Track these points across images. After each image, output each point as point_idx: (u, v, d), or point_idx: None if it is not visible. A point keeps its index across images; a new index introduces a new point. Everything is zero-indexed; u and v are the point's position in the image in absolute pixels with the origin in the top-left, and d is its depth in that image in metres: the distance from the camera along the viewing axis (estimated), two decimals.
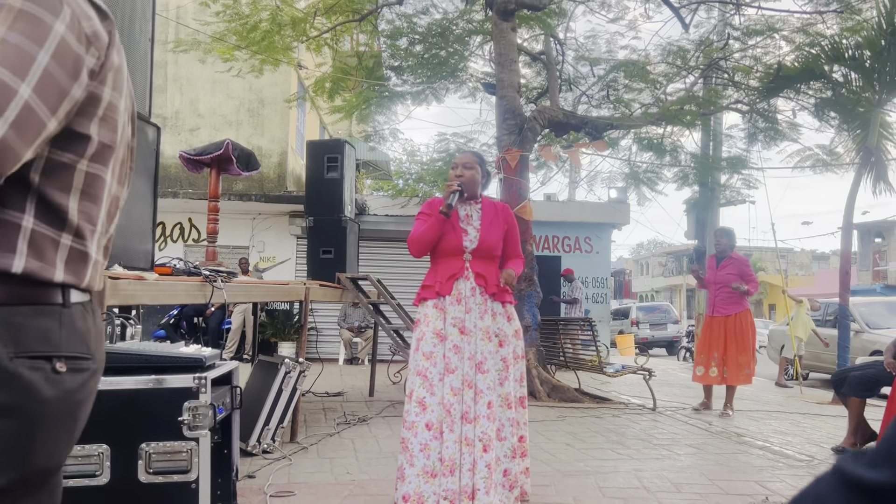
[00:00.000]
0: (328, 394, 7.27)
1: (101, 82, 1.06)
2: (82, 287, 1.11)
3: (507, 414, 3.27)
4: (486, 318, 3.34)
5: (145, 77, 3.30)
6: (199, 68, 12.29)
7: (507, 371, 3.31)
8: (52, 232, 1.05)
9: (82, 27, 1.01)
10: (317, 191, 7.11)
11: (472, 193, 3.48)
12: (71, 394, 1.06)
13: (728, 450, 5.06)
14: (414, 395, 3.19)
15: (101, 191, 1.12)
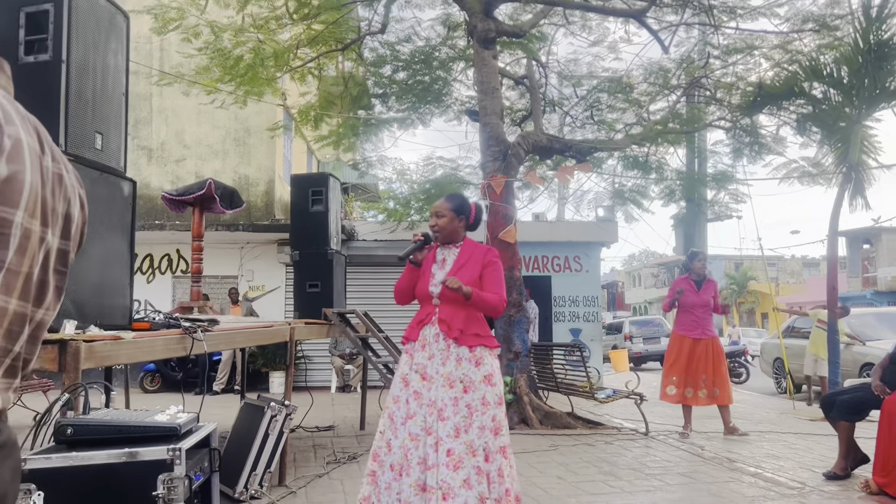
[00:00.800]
0: (318, 428, 7.22)
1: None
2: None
3: (472, 461, 3.17)
4: (448, 364, 3.32)
5: (120, 133, 3.29)
6: (184, 99, 12.29)
7: (472, 418, 3.23)
8: None
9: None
10: (302, 224, 7.09)
11: (446, 239, 3.51)
12: None
13: (720, 478, 5.04)
14: (384, 434, 3.32)
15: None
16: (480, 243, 3.64)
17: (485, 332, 3.41)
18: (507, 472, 3.25)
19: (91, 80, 3.09)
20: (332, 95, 10.84)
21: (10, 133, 1.00)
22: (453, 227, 3.49)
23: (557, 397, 8.47)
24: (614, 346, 21.39)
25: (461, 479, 3.13)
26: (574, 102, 11.87)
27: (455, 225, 3.49)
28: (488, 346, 3.37)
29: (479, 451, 3.21)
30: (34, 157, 1.05)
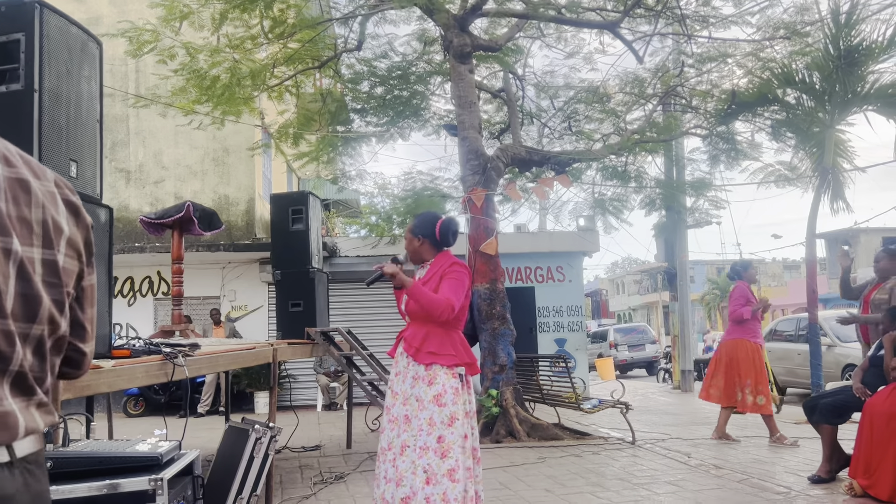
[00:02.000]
0: (304, 448, 7.16)
1: None
2: None
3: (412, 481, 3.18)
4: (406, 382, 3.40)
5: (95, 160, 3.27)
6: (161, 120, 12.25)
7: (418, 438, 3.24)
8: None
9: None
10: (283, 243, 7.07)
11: (416, 259, 3.62)
12: None
13: (707, 485, 5.06)
14: (379, 460, 3.46)
15: None
16: (453, 257, 3.60)
17: (442, 350, 3.32)
18: (453, 497, 3.12)
19: (64, 108, 3.07)
20: (311, 112, 10.84)
21: None
22: (413, 247, 3.59)
23: (544, 408, 8.47)
24: (600, 355, 21.45)
25: (400, 496, 3.17)
26: (552, 114, 11.96)
27: (415, 246, 3.57)
28: (443, 364, 3.29)
29: (420, 472, 3.16)
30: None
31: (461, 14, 8.55)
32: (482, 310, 8.00)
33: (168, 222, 5.81)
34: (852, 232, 28.00)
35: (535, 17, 9.13)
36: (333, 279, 10.24)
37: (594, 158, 10.20)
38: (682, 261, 13.76)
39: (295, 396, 11.97)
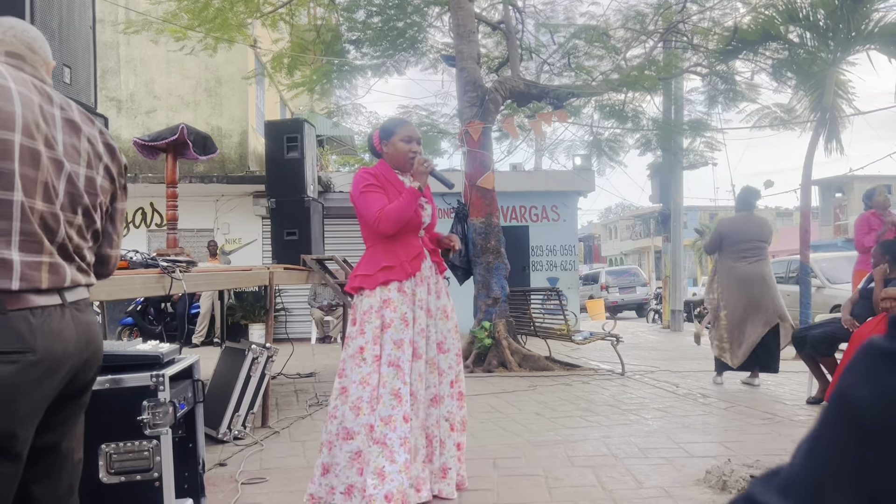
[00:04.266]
0: (300, 375, 7.27)
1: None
2: (13, 288, 1.41)
3: (459, 387, 3.30)
4: (441, 297, 3.32)
5: (89, 66, 3.20)
6: (153, 49, 12.00)
7: (455, 346, 3.32)
8: None
9: None
10: (277, 172, 7.00)
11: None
12: (5, 379, 1.37)
13: (694, 412, 5.17)
14: (388, 385, 2.99)
15: (9, 208, 1.43)
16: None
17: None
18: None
19: (56, 10, 3.00)
20: (305, 42, 10.62)
21: (2, 83, 1.45)
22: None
23: (535, 342, 8.58)
24: (591, 296, 21.66)
25: (458, 407, 3.22)
26: (552, 50, 11.77)
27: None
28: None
29: (461, 375, 3.31)
30: (29, 103, 1.49)
31: None
32: (477, 243, 8.02)
33: (161, 145, 5.72)
34: (846, 179, 28.01)
35: None
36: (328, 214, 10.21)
37: (593, 93, 10.09)
38: (677, 202, 13.77)
39: (290, 329, 12.09)
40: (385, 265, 3.14)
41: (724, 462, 3.49)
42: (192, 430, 2.63)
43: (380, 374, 3.03)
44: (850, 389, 0.48)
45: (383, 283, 3.12)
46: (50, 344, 1.46)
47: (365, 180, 3.17)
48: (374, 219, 3.08)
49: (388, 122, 3.44)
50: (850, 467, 0.47)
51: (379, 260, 3.16)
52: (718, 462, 3.53)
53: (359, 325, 3.11)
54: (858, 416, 0.47)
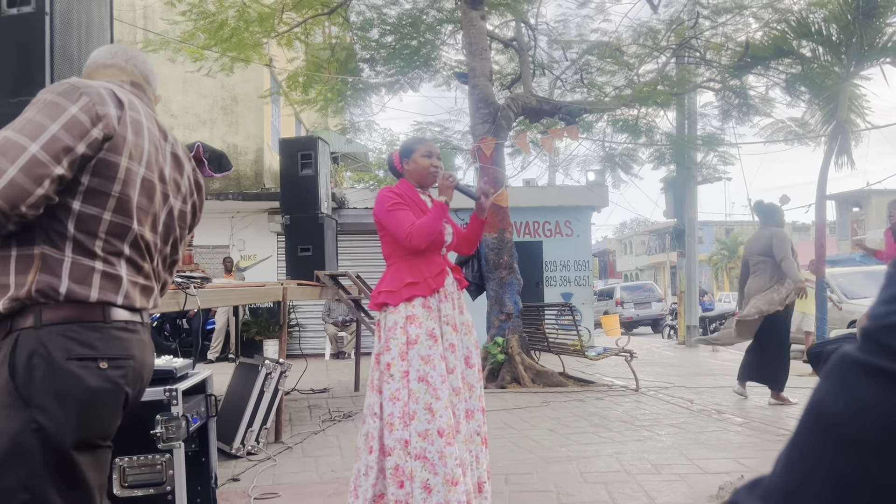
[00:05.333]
0: (313, 391, 7.29)
1: (116, 153, 1.54)
2: (118, 303, 1.56)
3: (482, 404, 3.33)
4: (465, 312, 3.35)
5: None
6: (170, 67, 12.16)
7: (479, 360, 3.35)
8: (86, 262, 1.52)
9: (94, 109, 1.51)
10: (292, 188, 7.09)
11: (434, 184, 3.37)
12: (112, 384, 1.53)
13: (708, 428, 5.14)
14: (420, 401, 3.00)
15: (125, 233, 1.59)
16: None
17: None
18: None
19: (76, 32, 3.07)
20: (320, 60, 10.74)
21: (134, 116, 1.60)
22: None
23: (549, 358, 8.56)
24: (605, 312, 21.55)
25: (484, 421, 3.24)
26: (564, 66, 11.82)
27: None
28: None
29: (483, 390, 3.33)
30: (150, 138, 1.64)
31: None
32: (490, 259, 8.04)
33: None
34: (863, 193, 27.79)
35: None
36: (342, 230, 10.27)
37: (606, 109, 10.11)
38: (691, 217, 13.73)
39: (304, 345, 12.12)
40: (409, 281, 3.16)
41: (738, 479, 3.47)
42: (205, 445, 2.66)
43: (409, 389, 3.04)
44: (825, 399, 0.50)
45: (407, 299, 3.13)
46: (141, 354, 1.63)
47: (390, 199, 3.21)
48: (406, 234, 3.10)
49: (407, 140, 3.50)
50: (826, 477, 0.48)
51: (403, 276, 3.18)
52: (732, 479, 3.50)
53: (384, 342, 3.14)
54: (833, 426, 0.48)
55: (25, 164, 1.41)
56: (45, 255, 1.49)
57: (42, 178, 1.42)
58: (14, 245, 1.50)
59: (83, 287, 1.50)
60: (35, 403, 1.43)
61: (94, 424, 1.52)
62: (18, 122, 1.48)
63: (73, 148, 1.46)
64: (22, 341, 1.46)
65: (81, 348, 1.48)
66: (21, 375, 1.44)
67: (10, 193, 1.39)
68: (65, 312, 1.48)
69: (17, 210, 1.40)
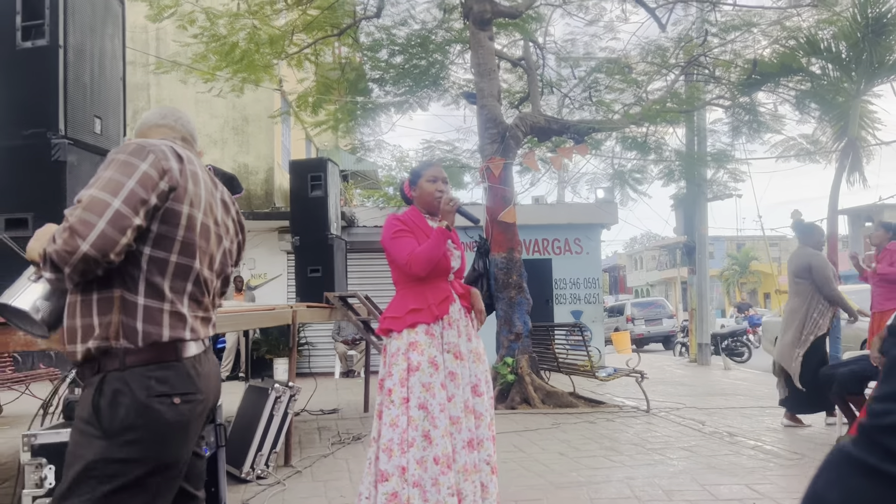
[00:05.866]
0: (323, 412, 7.28)
1: (180, 202, 1.76)
2: (187, 338, 1.77)
3: (491, 432, 3.31)
4: (473, 340, 3.34)
5: (119, 117, 3.31)
6: (182, 88, 12.30)
7: (490, 388, 3.34)
8: (156, 304, 1.73)
9: (160, 164, 1.73)
10: (302, 210, 7.13)
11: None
12: (184, 416, 1.74)
13: (720, 451, 5.09)
14: (419, 428, 3.02)
15: (188, 273, 1.79)
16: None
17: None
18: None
19: (88, 64, 3.11)
20: (330, 80, 10.83)
21: (191, 169, 1.82)
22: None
23: (559, 378, 8.53)
24: (616, 329, 21.44)
25: (493, 450, 3.22)
26: (572, 84, 11.86)
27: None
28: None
29: (494, 419, 3.31)
30: (206, 187, 1.86)
31: None
32: (499, 279, 8.03)
33: None
34: (876, 208, 27.58)
35: None
36: (351, 249, 10.30)
37: (614, 128, 10.12)
38: (702, 234, 13.68)
39: (313, 363, 12.14)
40: (413, 308, 3.18)
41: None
42: (215, 475, 2.66)
43: (409, 416, 3.05)
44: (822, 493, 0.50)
45: (410, 326, 3.15)
46: (206, 385, 1.83)
47: (395, 226, 3.24)
48: (406, 261, 3.13)
49: (415, 167, 3.53)
50: None
51: (408, 303, 3.20)
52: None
53: (387, 368, 3.16)
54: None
55: (111, 217, 1.62)
56: (123, 298, 1.71)
57: (125, 228, 1.64)
58: (95, 289, 1.71)
59: (156, 327, 1.72)
60: (115, 435, 1.64)
61: (169, 453, 1.73)
62: (99, 181, 1.68)
63: (147, 200, 1.68)
64: (108, 381, 1.68)
65: (160, 386, 1.70)
66: (105, 411, 1.65)
67: (102, 244, 1.60)
68: (144, 356, 1.70)
69: (107, 258, 1.62)
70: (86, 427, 1.67)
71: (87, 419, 1.67)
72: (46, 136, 2.89)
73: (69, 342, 1.73)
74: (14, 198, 2.91)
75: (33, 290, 1.78)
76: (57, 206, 2.88)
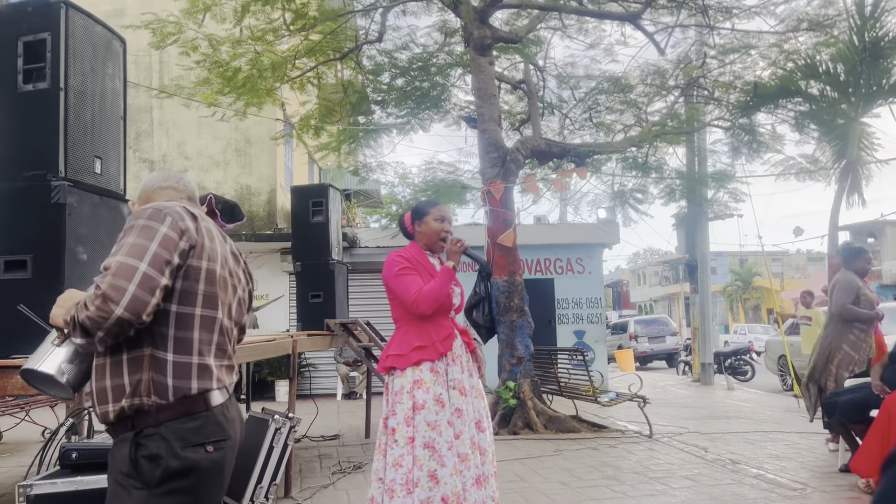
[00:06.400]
0: (324, 437, 7.26)
1: (199, 258, 1.86)
2: (214, 388, 1.87)
3: (494, 468, 3.31)
4: (474, 376, 3.35)
5: (119, 157, 3.34)
6: (184, 111, 12.37)
7: (490, 423, 3.34)
8: (185, 359, 1.82)
9: (178, 225, 1.83)
10: (303, 235, 7.16)
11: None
12: (217, 462, 1.85)
13: (723, 480, 5.07)
14: (424, 467, 3.02)
15: (212, 324, 1.90)
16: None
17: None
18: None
19: (89, 105, 3.14)
20: (332, 103, 10.88)
21: (205, 226, 1.93)
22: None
23: (562, 401, 8.50)
24: (619, 346, 21.36)
25: (497, 486, 3.22)
26: (572, 105, 11.90)
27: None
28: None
29: (494, 453, 3.31)
30: (219, 241, 1.97)
31: (482, 6, 8.53)
32: (500, 302, 8.02)
33: None
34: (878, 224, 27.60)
35: (556, 8, 9.09)
36: (353, 270, 10.30)
37: (614, 151, 10.15)
38: (703, 253, 13.67)
39: (315, 385, 12.12)
40: (417, 345, 3.18)
41: None
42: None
43: (414, 455, 3.04)
44: None
45: (415, 364, 3.16)
46: (235, 430, 1.94)
47: (399, 263, 3.24)
48: (413, 300, 3.13)
49: (420, 203, 3.53)
50: None
51: (411, 340, 3.19)
52: None
53: (391, 406, 3.16)
54: None
55: (140, 280, 1.71)
56: (153, 356, 1.79)
57: (154, 289, 1.74)
58: (125, 350, 1.79)
59: (185, 381, 1.81)
60: (157, 486, 1.74)
61: (207, 497, 1.85)
62: (123, 247, 1.77)
63: (171, 260, 1.79)
64: (145, 435, 1.77)
65: (193, 436, 1.79)
66: (145, 464, 1.75)
67: (134, 307, 1.69)
68: (176, 410, 1.79)
69: (140, 319, 1.71)
70: (126, 480, 1.76)
71: (126, 472, 1.76)
72: (46, 178, 2.92)
73: (100, 403, 1.81)
74: (13, 239, 2.93)
75: (57, 354, 1.83)
76: (56, 248, 2.91)
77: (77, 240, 2.97)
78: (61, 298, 1.83)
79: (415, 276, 3.21)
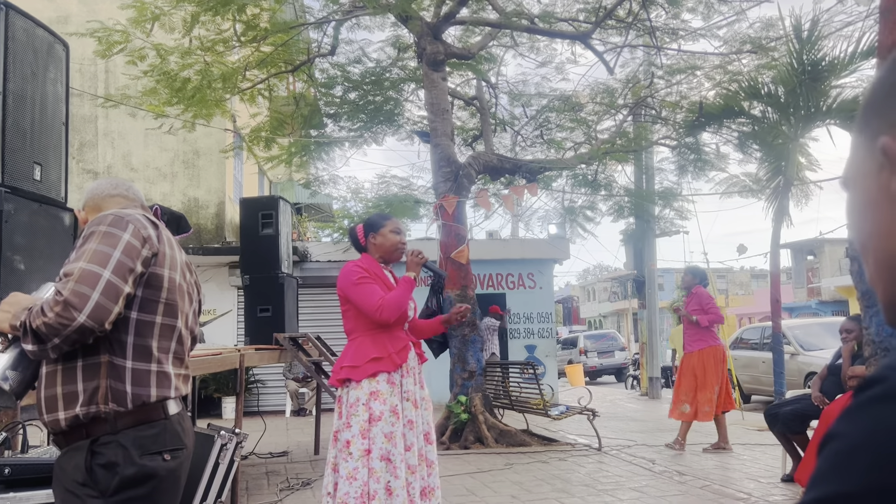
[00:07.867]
0: (272, 454, 7.12)
1: (160, 266, 1.86)
2: (172, 396, 1.86)
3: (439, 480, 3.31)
4: (424, 387, 3.36)
5: (60, 163, 3.24)
6: (131, 121, 12.10)
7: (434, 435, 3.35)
8: (144, 366, 1.81)
9: (140, 233, 1.81)
10: (252, 248, 7.05)
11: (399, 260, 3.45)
12: (174, 471, 1.85)
13: (670, 491, 5.14)
14: (381, 480, 3.00)
15: (172, 332, 1.89)
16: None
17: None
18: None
19: (29, 110, 3.05)
20: (283, 115, 10.79)
21: (165, 234, 1.91)
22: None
23: (513, 415, 8.51)
24: (570, 361, 21.59)
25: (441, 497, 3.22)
26: (524, 122, 12.05)
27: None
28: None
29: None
30: (176, 250, 1.96)
31: (435, 22, 8.59)
32: None
33: None
34: (817, 242, 28.56)
35: (508, 26, 9.21)
36: (304, 284, 10.19)
37: (565, 167, 10.30)
38: (651, 269, 13.94)
39: (263, 402, 11.89)
40: (374, 356, 3.15)
41: None
42: None
43: (370, 468, 3.01)
44: None
45: (371, 375, 3.13)
46: (190, 440, 1.93)
47: (357, 272, 3.22)
48: (377, 307, 3.11)
49: (374, 216, 3.53)
50: None
51: (367, 351, 3.16)
52: None
53: (345, 419, 3.11)
54: None
55: (104, 288, 1.68)
56: (110, 363, 1.77)
57: (118, 297, 1.72)
58: (80, 356, 1.76)
59: (144, 388, 1.79)
60: (113, 495, 1.72)
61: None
62: (85, 253, 1.73)
63: (134, 268, 1.77)
64: (102, 443, 1.75)
65: (152, 444, 1.78)
66: (101, 473, 1.72)
67: (97, 314, 1.66)
68: (134, 417, 1.78)
69: (102, 327, 1.69)
70: (80, 489, 1.72)
71: (81, 481, 1.72)
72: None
73: (48, 411, 1.77)
74: None
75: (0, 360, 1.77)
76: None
77: (14, 248, 2.87)
78: (5, 303, 1.77)
79: (374, 285, 3.20)
